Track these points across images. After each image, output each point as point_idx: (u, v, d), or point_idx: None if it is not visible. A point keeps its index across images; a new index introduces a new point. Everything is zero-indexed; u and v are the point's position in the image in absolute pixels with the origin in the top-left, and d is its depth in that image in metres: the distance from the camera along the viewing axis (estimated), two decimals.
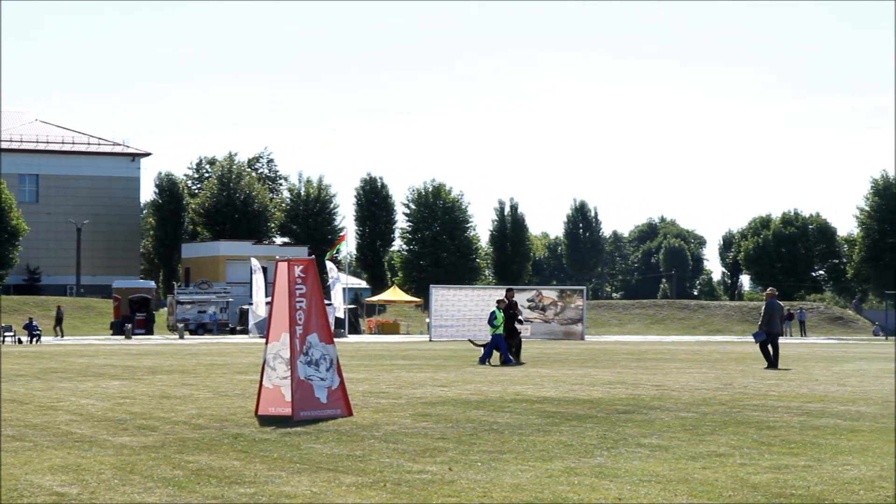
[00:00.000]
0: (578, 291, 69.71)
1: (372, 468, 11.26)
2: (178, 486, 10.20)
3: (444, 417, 16.18)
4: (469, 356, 36.03)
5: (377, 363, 32.76)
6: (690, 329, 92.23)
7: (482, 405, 18.22)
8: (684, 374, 27.85)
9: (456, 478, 10.66)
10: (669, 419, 16.01)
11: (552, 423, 15.37)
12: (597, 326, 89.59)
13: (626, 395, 20.62)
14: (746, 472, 10.96)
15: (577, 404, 18.47)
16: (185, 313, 76.74)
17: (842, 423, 15.69)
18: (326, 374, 16.12)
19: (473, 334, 63.76)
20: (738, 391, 21.67)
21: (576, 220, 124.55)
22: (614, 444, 13.19)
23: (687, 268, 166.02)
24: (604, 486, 10.17)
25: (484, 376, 26.23)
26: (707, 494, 9.78)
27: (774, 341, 30.93)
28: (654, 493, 9.87)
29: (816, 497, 9.66)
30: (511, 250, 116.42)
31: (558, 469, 11.19)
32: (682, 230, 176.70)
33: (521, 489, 10.04)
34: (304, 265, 16.38)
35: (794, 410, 17.56)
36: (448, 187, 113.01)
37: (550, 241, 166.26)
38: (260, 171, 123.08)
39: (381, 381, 24.42)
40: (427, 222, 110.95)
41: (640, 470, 11.13)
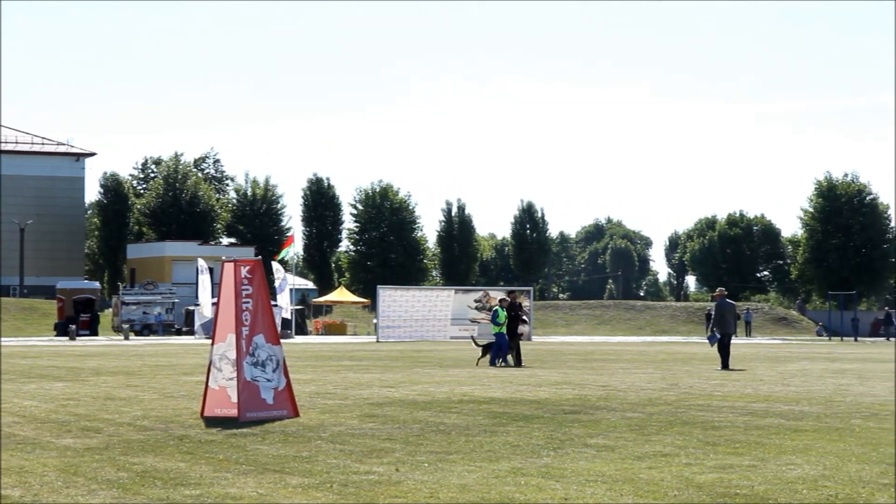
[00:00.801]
0: (525, 292, 69.87)
1: (318, 469, 11.23)
2: (123, 488, 10.12)
3: (391, 418, 16.16)
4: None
5: (324, 364, 32.68)
6: (637, 330, 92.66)
7: (429, 406, 18.22)
8: (630, 374, 27.97)
9: (402, 478, 10.65)
10: (616, 419, 16.08)
11: (499, 424, 15.39)
12: (544, 327, 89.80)
13: (572, 395, 20.68)
14: (691, 472, 11.03)
15: (524, 405, 18.51)
16: (130, 314, 76.22)
17: (785, 422, 15.81)
18: (273, 375, 16.06)
19: (421, 335, 63.87)
20: (684, 391, 21.80)
21: (523, 220, 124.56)
22: (561, 444, 13.22)
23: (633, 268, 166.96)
24: (550, 487, 10.20)
25: (431, 377, 26.23)
26: (652, 494, 9.83)
27: (726, 341, 31.09)
28: (599, 493, 9.91)
29: (760, 496, 9.73)
30: (458, 251, 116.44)
31: (505, 469, 11.21)
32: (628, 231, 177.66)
33: (467, 490, 10.04)
34: (251, 266, 16.32)
35: (739, 410, 17.68)
36: (395, 188, 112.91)
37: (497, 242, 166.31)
38: (206, 172, 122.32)
39: (327, 382, 24.38)
40: (374, 223, 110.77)
41: (587, 470, 11.17)
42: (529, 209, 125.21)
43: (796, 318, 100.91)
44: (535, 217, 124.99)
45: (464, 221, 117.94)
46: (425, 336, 64.08)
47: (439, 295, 68.33)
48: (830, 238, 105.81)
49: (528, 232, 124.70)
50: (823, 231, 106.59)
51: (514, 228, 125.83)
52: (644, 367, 31.41)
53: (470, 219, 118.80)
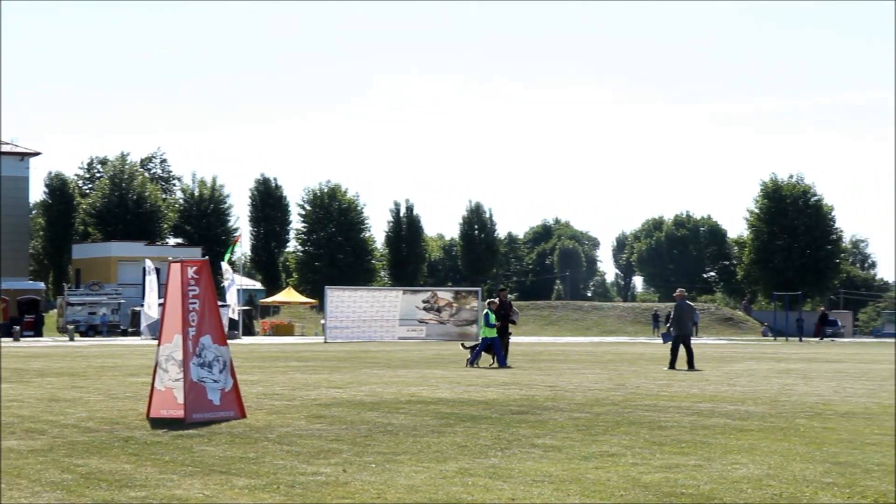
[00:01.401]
0: (473, 293, 69.98)
1: (265, 470, 11.19)
2: (67, 491, 10.04)
3: (338, 419, 16.13)
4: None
5: (271, 365, 32.57)
6: (584, 330, 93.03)
7: (377, 407, 18.20)
8: (578, 374, 28.07)
9: (350, 479, 10.63)
10: (563, 419, 16.12)
11: (447, 425, 15.39)
12: None
13: (520, 395, 20.72)
14: (638, 472, 11.08)
15: (472, 405, 18.53)
16: (75, 315, 75.64)
17: (731, 422, 15.92)
18: (220, 375, 15.99)
19: (369, 336, 63.79)
20: (631, 391, 21.90)
21: (471, 221, 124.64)
22: (508, 444, 13.25)
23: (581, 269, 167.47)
24: (497, 487, 10.21)
25: (379, 378, 26.20)
26: (599, 494, 9.86)
27: (686, 342, 31.29)
28: (547, 493, 9.93)
29: (706, 496, 9.79)
30: (406, 251, 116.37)
31: (452, 470, 11.21)
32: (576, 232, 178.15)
33: (415, 490, 10.04)
34: (198, 266, 16.24)
35: (685, 410, 17.79)
36: (344, 188, 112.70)
37: (446, 243, 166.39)
38: (153, 172, 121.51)
39: (275, 382, 24.29)
40: (322, 223, 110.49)
41: (534, 470, 11.19)
42: (478, 210, 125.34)
43: (742, 318, 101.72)
44: (483, 218, 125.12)
45: (412, 222, 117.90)
46: (373, 337, 64.00)
47: (387, 295, 68.28)
48: (776, 239, 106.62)
49: (476, 232, 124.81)
50: (769, 232, 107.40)
51: (463, 229, 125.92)
52: (591, 368, 31.53)
53: (418, 219, 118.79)
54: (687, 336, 31.46)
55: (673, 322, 31.51)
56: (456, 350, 46.29)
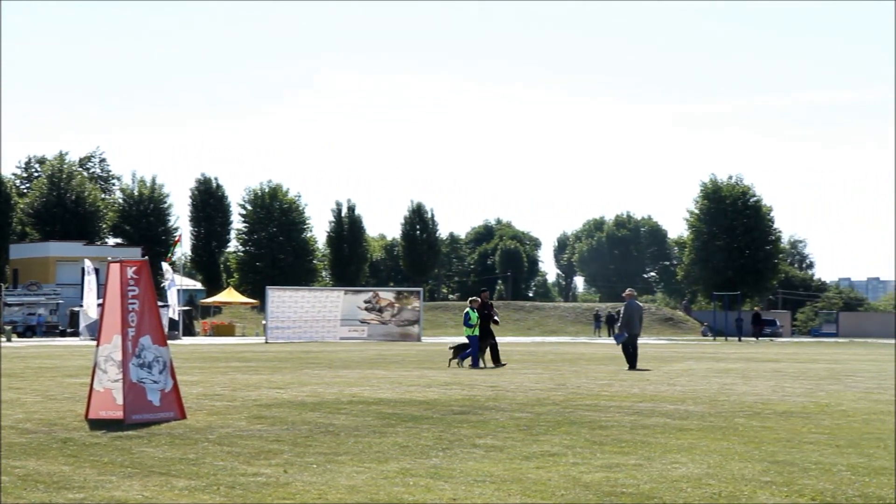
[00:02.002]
0: (415, 293, 69.98)
1: (205, 471, 11.12)
2: (4, 493, 9.93)
3: (279, 420, 16.07)
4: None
5: (212, 365, 32.40)
6: (525, 330, 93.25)
7: (318, 407, 18.16)
8: (519, 374, 28.12)
9: (291, 480, 10.60)
10: (504, 419, 16.15)
11: (388, 425, 15.38)
12: (433, 328, 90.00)
13: (461, 396, 20.73)
14: (579, 472, 11.11)
15: (413, 405, 18.52)
16: (12, 315, 74.84)
17: (671, 421, 16.01)
18: (159, 376, 15.88)
19: (310, 336, 63.62)
20: (572, 391, 21.96)
21: (413, 221, 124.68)
22: (450, 444, 13.25)
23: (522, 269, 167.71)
24: (439, 487, 10.21)
25: (320, 378, 26.13)
26: (540, 494, 9.89)
27: (633, 342, 31.39)
28: (488, 493, 9.94)
29: (646, 495, 9.84)
30: (348, 252, 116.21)
31: (394, 470, 11.20)
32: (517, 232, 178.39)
33: (356, 491, 10.02)
34: (137, 266, 16.12)
35: (626, 410, 17.86)
36: (285, 189, 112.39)
37: (387, 243, 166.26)
38: (92, 171, 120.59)
39: (215, 383, 24.16)
40: (263, 223, 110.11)
41: (475, 470, 11.21)
42: (419, 210, 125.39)
43: (682, 318, 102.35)
44: (424, 218, 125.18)
45: (353, 222, 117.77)
46: (315, 337, 63.83)
47: (329, 296, 68.14)
48: (715, 239, 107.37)
49: (418, 233, 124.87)
50: (709, 233, 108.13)
51: (404, 229, 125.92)
52: (532, 368, 31.60)
53: (360, 219, 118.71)
54: (636, 336, 31.56)
55: (623, 322, 31.54)
56: (396, 350, 46.26)
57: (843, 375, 28.78)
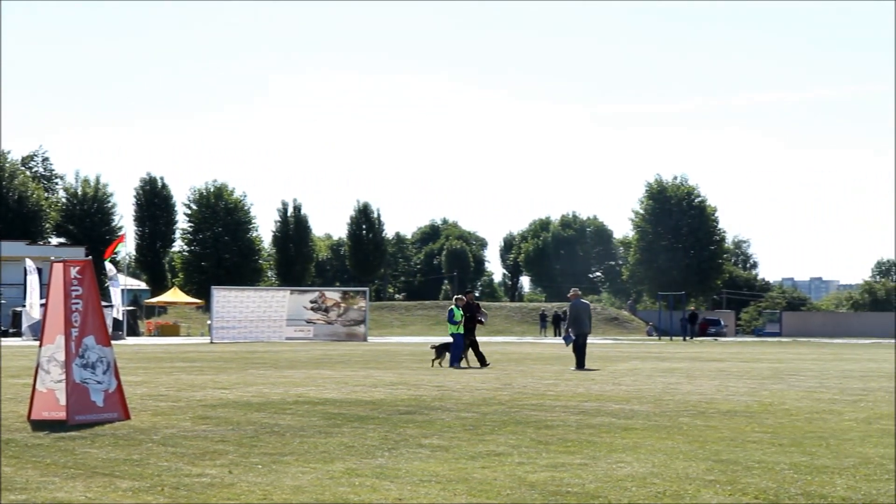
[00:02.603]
0: (361, 293, 69.86)
1: (149, 472, 11.05)
2: None
3: (224, 420, 16.00)
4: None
5: (156, 366, 32.20)
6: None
7: (263, 407, 18.09)
8: (465, 374, 28.15)
9: (236, 480, 10.55)
10: (450, 419, 16.16)
11: (334, 425, 15.35)
12: (379, 328, 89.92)
13: (407, 395, 20.73)
14: (524, 471, 11.14)
15: (359, 405, 18.50)
16: None
17: (616, 421, 16.08)
18: (103, 377, 15.77)
19: (256, 336, 63.36)
20: (518, 391, 22.01)
21: (359, 221, 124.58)
22: (395, 444, 13.24)
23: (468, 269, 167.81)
24: (384, 487, 10.20)
25: (266, 378, 26.03)
26: (486, 494, 9.90)
27: (582, 341, 31.43)
28: (433, 492, 9.94)
29: (591, 494, 9.87)
30: (294, 251, 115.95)
31: (339, 470, 11.18)
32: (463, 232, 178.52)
33: (301, 491, 9.99)
34: (81, 266, 15.99)
35: (571, 409, 17.92)
36: (230, 188, 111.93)
37: (334, 243, 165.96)
38: (34, 171, 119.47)
39: (160, 383, 24.01)
40: (209, 223, 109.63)
41: (421, 470, 11.20)
42: (366, 210, 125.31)
43: (627, 318, 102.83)
44: (371, 218, 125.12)
45: (300, 222, 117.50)
46: (260, 337, 63.59)
47: (275, 295, 67.89)
48: (660, 239, 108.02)
49: (364, 232, 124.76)
50: (654, 233, 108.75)
51: (351, 229, 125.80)
52: (479, 368, 31.62)
53: (306, 219, 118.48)
54: (585, 335, 31.61)
55: (570, 322, 31.59)
56: (342, 351, 46.18)
57: (787, 375, 29.03)
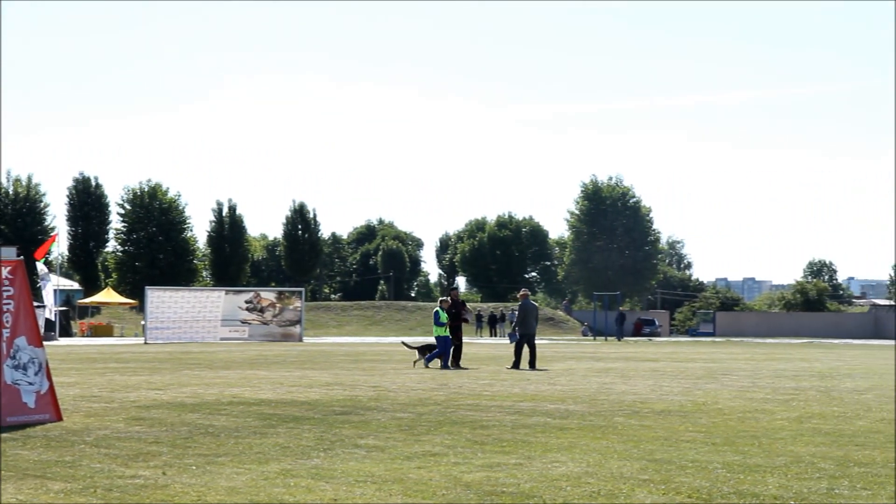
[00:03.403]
0: (297, 293, 69.62)
1: (82, 474, 10.95)
2: None
3: (158, 421, 15.89)
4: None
5: (89, 366, 31.92)
6: (408, 330, 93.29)
7: (198, 408, 17.99)
8: (401, 374, 28.15)
9: (170, 482, 10.48)
10: (386, 420, 16.15)
11: (269, 426, 15.29)
12: (315, 328, 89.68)
13: (343, 396, 20.70)
14: (460, 471, 11.15)
15: (295, 406, 18.44)
16: None
17: (552, 421, 16.13)
18: (35, 378, 15.60)
19: (190, 336, 62.97)
20: (454, 391, 22.03)
21: (295, 221, 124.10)
22: (331, 445, 13.21)
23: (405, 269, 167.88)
24: (320, 488, 10.18)
25: (200, 379, 25.88)
26: (421, 494, 9.90)
27: (530, 341, 31.57)
28: (369, 493, 9.93)
29: (526, 494, 9.90)
30: (229, 251, 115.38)
31: (274, 471, 11.14)
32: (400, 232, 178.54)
33: (236, 492, 9.94)
34: (12, 266, 15.81)
35: (507, 409, 17.96)
36: (165, 188, 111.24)
37: (269, 243, 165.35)
38: None
39: (92, 384, 23.81)
40: (143, 223, 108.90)
41: (356, 471, 11.19)
42: (301, 210, 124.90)
43: (563, 318, 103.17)
44: (307, 218, 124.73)
45: (235, 222, 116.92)
46: (195, 337, 63.20)
47: (209, 296, 67.50)
48: (595, 240, 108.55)
49: (299, 233, 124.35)
50: (589, 233, 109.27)
51: (286, 229, 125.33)
52: (414, 368, 31.63)
53: (241, 219, 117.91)
54: (531, 336, 31.75)
55: (518, 322, 31.74)
56: (278, 351, 45.99)
57: (720, 374, 29.27)
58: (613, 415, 17.13)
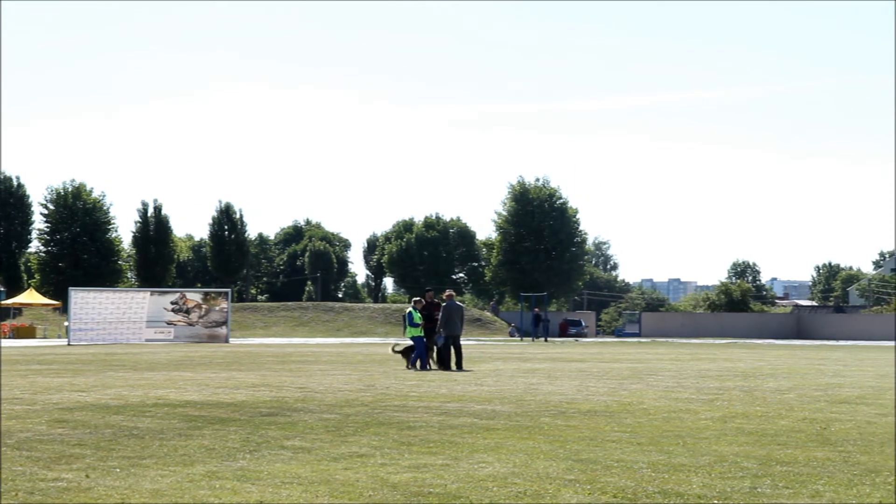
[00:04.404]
0: (223, 294, 69.26)
1: (4, 477, 10.80)
2: None
3: (81, 423, 15.72)
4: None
5: (11, 368, 31.53)
6: (335, 331, 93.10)
7: (122, 410, 17.83)
8: (328, 375, 28.07)
9: (93, 485, 10.38)
10: (312, 421, 16.10)
11: (194, 427, 15.19)
12: (242, 329, 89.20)
13: (269, 397, 20.61)
14: (387, 472, 11.14)
15: (221, 408, 18.33)
16: None
17: (478, 421, 16.16)
18: None
19: (115, 338, 62.42)
20: (381, 392, 22.01)
21: (221, 221, 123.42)
22: (257, 446, 13.15)
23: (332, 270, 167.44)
24: (245, 490, 10.12)
25: (125, 381, 25.65)
26: (348, 495, 9.88)
27: (456, 342, 31.56)
28: (295, 494, 9.89)
29: (453, 494, 9.91)
30: (154, 252, 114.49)
31: (200, 473, 11.06)
32: (327, 233, 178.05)
33: (160, 494, 9.86)
34: None
35: (434, 410, 17.97)
36: (89, 188, 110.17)
37: (195, 243, 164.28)
38: None
39: (14, 386, 23.52)
40: (66, 223, 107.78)
41: (283, 472, 11.14)
42: (227, 210, 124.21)
43: (490, 319, 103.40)
44: (233, 218, 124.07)
45: (160, 222, 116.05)
46: (119, 339, 62.69)
47: (134, 297, 67.00)
48: (523, 241, 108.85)
49: (226, 233, 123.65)
50: (516, 234, 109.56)
51: (212, 229, 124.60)
52: (342, 369, 31.57)
53: (167, 220, 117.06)
54: (456, 336, 31.76)
55: (442, 323, 31.71)
56: (204, 352, 45.73)
57: (645, 375, 29.47)
58: (540, 415, 17.18)
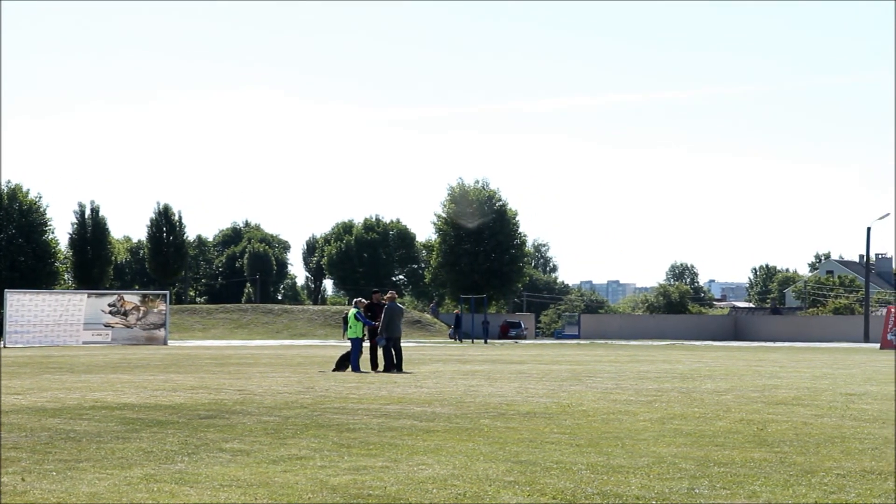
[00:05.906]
0: (161, 296, 68.79)
1: None
2: None
3: (17, 426, 15.57)
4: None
5: None
6: (274, 333, 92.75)
7: (59, 413, 17.67)
8: (267, 378, 27.98)
9: (29, 488, 10.29)
10: (252, 423, 16.05)
11: (132, 430, 15.09)
12: (180, 331, 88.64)
13: (208, 400, 20.51)
14: (326, 475, 11.12)
15: (159, 410, 18.22)
16: None
17: (418, 423, 16.17)
18: None
19: (51, 340, 61.84)
20: (320, 394, 21.97)
21: (159, 223, 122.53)
22: (195, 449, 13.08)
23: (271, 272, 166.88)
24: (184, 493, 10.07)
25: (61, 383, 25.42)
26: (287, 497, 9.86)
27: (396, 344, 31.56)
28: (234, 497, 9.86)
29: (392, 496, 9.92)
30: (92, 254, 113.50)
31: (137, 476, 11.00)
32: (266, 235, 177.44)
33: (97, 497, 9.79)
34: None
35: (374, 412, 17.96)
36: (25, 189, 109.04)
37: (133, 245, 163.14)
38: None
39: None
40: (2, 225, 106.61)
41: (221, 475, 11.10)
42: (166, 212, 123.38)
43: (430, 320, 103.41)
44: (171, 220, 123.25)
45: (97, 224, 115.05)
46: (56, 341, 62.12)
47: (71, 299, 66.39)
48: (462, 243, 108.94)
49: (164, 235, 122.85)
50: (456, 236, 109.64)
51: (151, 231, 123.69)
52: (281, 371, 31.48)
53: (104, 221, 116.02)
54: (397, 339, 31.73)
55: (383, 325, 31.66)
56: (142, 355, 45.43)
57: (584, 376, 29.60)
58: (479, 417, 17.22)
